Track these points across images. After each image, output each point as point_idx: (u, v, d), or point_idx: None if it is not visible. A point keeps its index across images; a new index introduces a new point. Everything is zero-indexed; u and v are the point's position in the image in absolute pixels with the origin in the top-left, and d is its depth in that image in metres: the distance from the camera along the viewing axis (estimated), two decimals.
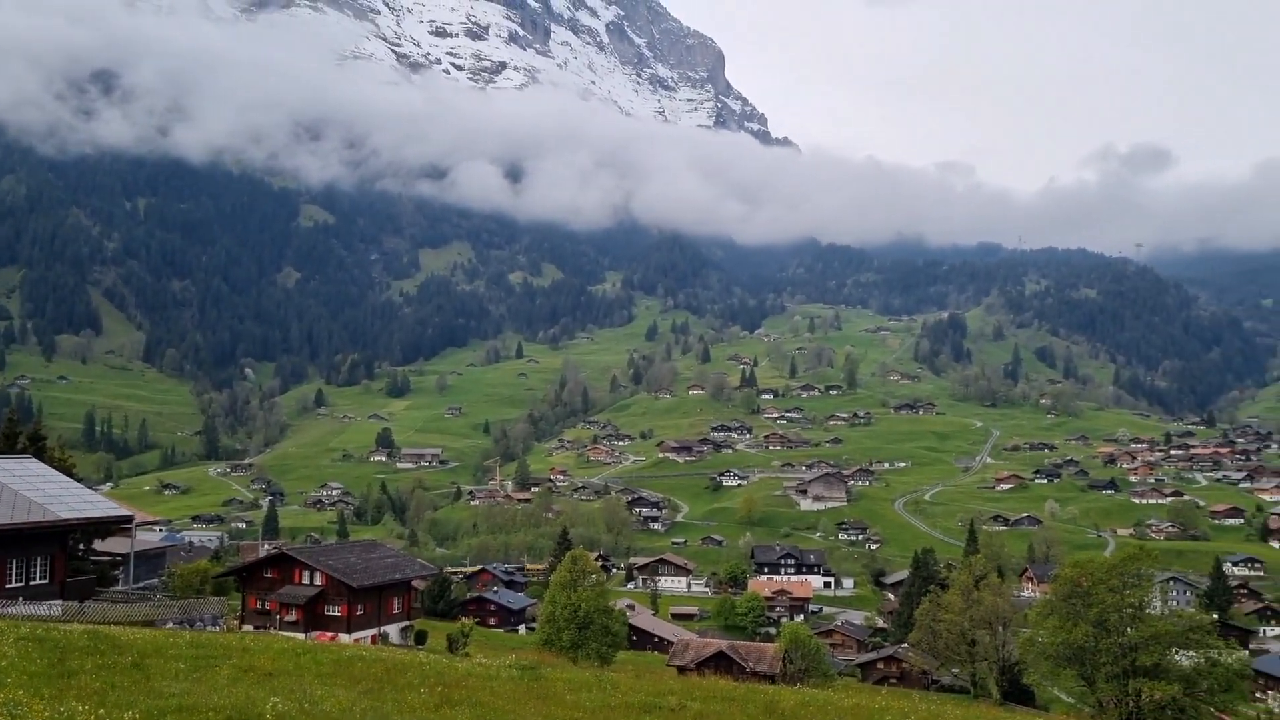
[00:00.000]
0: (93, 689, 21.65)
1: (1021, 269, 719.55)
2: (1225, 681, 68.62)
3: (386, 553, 76.12)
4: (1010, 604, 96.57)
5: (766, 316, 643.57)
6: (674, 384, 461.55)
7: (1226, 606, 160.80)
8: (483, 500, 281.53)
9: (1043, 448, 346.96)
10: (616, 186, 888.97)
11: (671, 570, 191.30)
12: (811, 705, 31.16)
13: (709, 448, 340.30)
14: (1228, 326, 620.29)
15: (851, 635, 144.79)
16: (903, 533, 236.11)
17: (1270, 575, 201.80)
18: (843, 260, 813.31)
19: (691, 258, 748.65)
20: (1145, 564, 71.81)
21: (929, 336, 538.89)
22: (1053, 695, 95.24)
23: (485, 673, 33.21)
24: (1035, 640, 75.12)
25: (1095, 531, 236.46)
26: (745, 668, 71.66)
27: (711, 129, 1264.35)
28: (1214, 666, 67.57)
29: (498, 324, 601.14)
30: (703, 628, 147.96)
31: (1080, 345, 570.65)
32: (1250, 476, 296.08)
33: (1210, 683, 67.21)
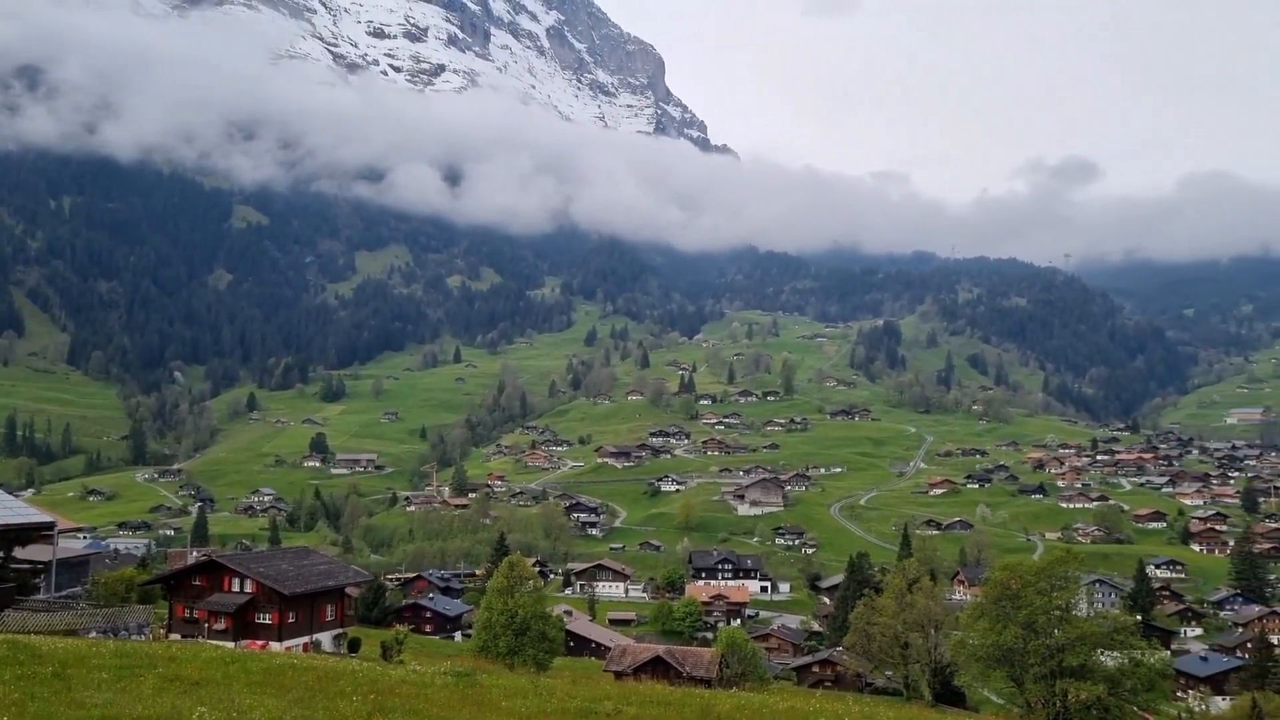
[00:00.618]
0: (11, 700, 21.01)
1: (955, 277, 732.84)
2: (1148, 681, 70.41)
3: (319, 559, 74.91)
4: (942, 607, 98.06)
5: (705, 323, 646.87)
6: (613, 389, 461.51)
7: (1149, 608, 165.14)
8: (419, 506, 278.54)
9: (974, 453, 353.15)
10: (556, 191, 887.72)
11: (609, 576, 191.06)
12: (747, 709, 31.34)
13: (647, 453, 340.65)
14: (1151, 336, 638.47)
15: (788, 639, 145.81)
16: (838, 537, 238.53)
17: (1191, 577, 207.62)
18: (781, 267, 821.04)
19: (631, 263, 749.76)
20: (1072, 567, 73.48)
21: (865, 343, 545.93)
22: (983, 696, 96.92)
23: (419, 680, 32.86)
24: (966, 642, 76.33)
25: (1025, 535, 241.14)
26: (682, 672, 71.74)
27: (651, 135, 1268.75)
28: (1137, 667, 69.31)
29: (435, 328, 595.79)
30: (640, 633, 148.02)
31: (1011, 353, 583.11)
32: (1172, 481, 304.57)
33: (1134, 682, 68.93)
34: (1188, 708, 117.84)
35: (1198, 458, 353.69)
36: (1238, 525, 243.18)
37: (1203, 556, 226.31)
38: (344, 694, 27.90)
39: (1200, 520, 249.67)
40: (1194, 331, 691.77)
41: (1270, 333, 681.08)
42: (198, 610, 63.38)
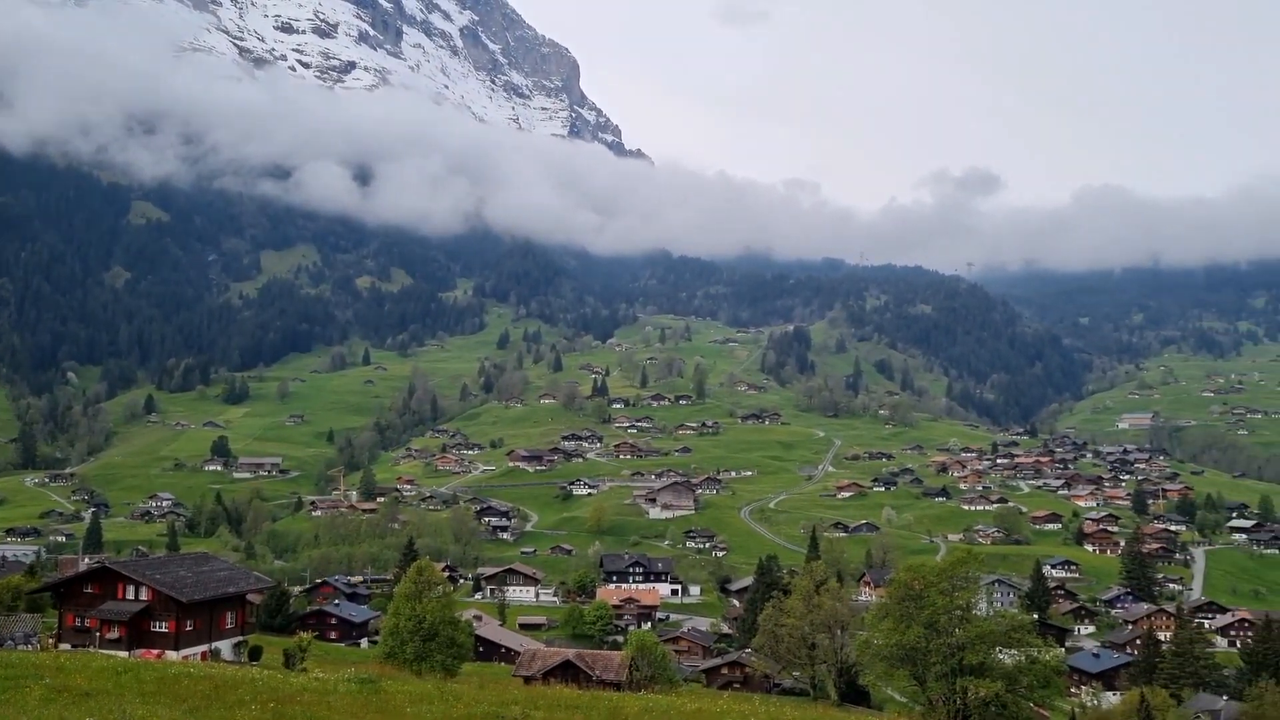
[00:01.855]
0: None
1: (863, 284, 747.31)
2: (1043, 678, 72.58)
3: (220, 565, 72.93)
4: (849, 608, 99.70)
5: (619, 326, 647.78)
6: (525, 393, 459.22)
7: (1045, 607, 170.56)
8: (325, 511, 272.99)
9: (881, 457, 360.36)
10: (469, 193, 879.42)
11: (520, 580, 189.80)
12: (655, 711, 31.44)
13: (560, 457, 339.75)
14: (1049, 343, 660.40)
15: (697, 641, 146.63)
16: (748, 540, 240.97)
17: (1084, 577, 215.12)
18: (694, 272, 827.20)
19: (544, 266, 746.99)
20: (972, 568, 75.41)
21: (775, 348, 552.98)
22: (887, 695, 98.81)
23: (322, 687, 32.20)
24: (871, 642, 77.75)
25: (928, 537, 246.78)
26: (592, 676, 71.62)
27: (566, 138, 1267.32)
28: (1034, 664, 71.42)
29: (344, 329, 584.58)
30: (550, 637, 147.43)
31: (916, 358, 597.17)
32: (1067, 484, 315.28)
33: (1030, 679, 70.99)
34: (1080, 703, 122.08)
35: (1092, 461, 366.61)
36: (1128, 526, 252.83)
37: (1096, 556, 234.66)
38: (242, 702, 27.23)
39: (1093, 522, 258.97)
40: (1088, 339, 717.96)
41: (1160, 341, 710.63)
42: (89, 619, 61.15)
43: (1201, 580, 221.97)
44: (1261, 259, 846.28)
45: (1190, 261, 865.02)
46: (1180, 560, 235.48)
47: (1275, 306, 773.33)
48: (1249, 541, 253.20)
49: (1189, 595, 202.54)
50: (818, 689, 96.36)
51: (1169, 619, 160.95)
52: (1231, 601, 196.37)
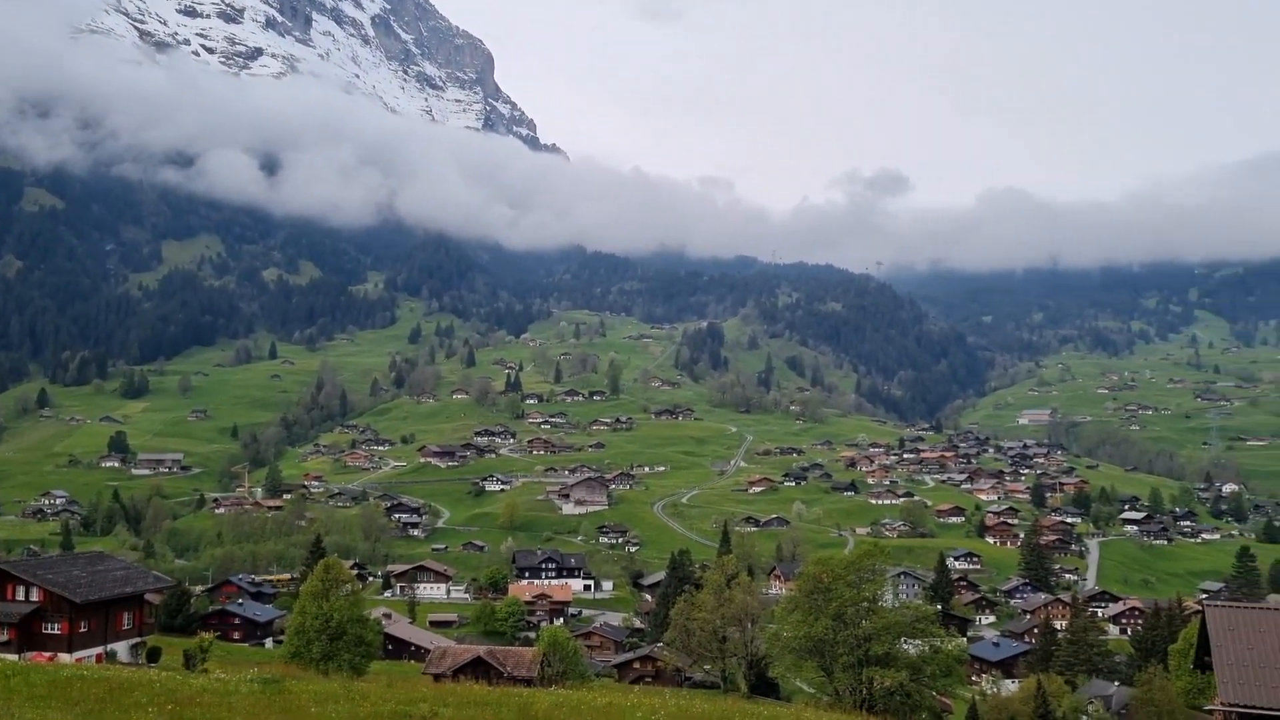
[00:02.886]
0: None
1: (775, 282, 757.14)
2: (946, 667, 74.51)
3: (116, 565, 70.49)
4: (759, 601, 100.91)
5: (533, 321, 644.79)
6: (437, 388, 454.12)
7: (948, 598, 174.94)
8: (229, 508, 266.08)
9: (791, 452, 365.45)
10: (381, 184, 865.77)
11: (431, 577, 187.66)
12: (565, 706, 31.35)
13: (472, 452, 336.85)
14: (954, 341, 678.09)
15: (610, 636, 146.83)
16: (661, 535, 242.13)
17: (986, 568, 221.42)
18: (608, 268, 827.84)
19: (458, 260, 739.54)
20: (879, 560, 76.97)
21: (689, 344, 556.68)
22: (795, 687, 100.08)
23: (223, 688, 31.36)
24: (780, 635, 78.77)
25: (837, 531, 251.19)
26: (503, 672, 71.18)
27: (480, 131, 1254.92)
28: (936, 653, 73.23)
29: (249, 323, 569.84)
30: (462, 634, 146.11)
31: (826, 355, 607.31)
32: (970, 478, 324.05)
33: (933, 669, 72.81)
34: (981, 691, 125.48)
35: (993, 456, 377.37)
36: (1027, 519, 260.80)
37: (996, 549, 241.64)
38: (139, 705, 26.38)
39: (995, 515, 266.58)
40: (991, 337, 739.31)
41: (1058, 340, 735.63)
42: None
43: (1095, 570, 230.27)
44: (1153, 262, 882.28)
45: (1087, 263, 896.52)
46: (1076, 551, 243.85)
47: (1166, 307, 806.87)
48: (1140, 533, 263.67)
49: (1084, 585, 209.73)
50: (728, 682, 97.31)
51: (1065, 608, 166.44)
52: (1123, 590, 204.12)
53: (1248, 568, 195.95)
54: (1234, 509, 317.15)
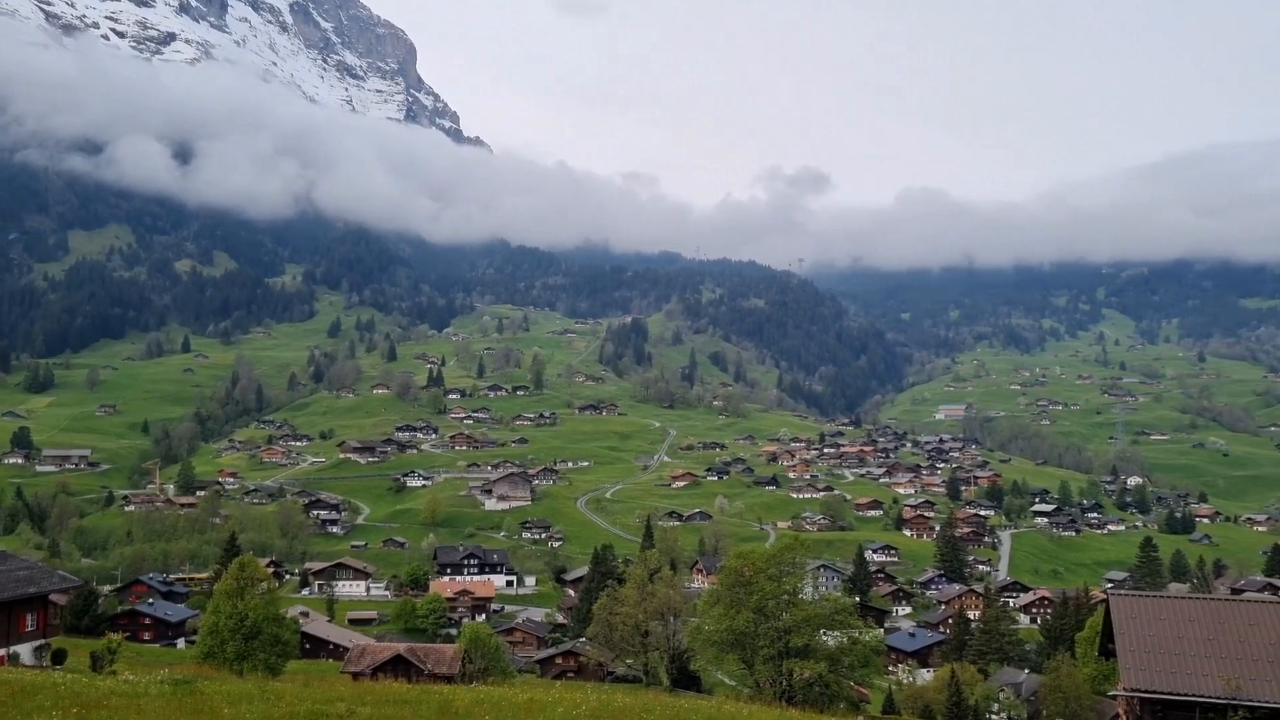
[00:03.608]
0: None
1: (699, 278, 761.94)
2: (864, 658, 75.90)
3: (19, 564, 67.85)
4: (681, 595, 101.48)
5: (455, 316, 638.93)
6: (357, 383, 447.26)
7: (867, 590, 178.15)
8: (140, 506, 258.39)
9: (714, 447, 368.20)
10: (299, 175, 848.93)
11: (350, 574, 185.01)
12: (486, 703, 31.13)
13: (393, 448, 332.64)
14: (873, 337, 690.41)
15: (532, 632, 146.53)
16: (584, 530, 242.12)
17: (903, 560, 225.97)
18: (532, 262, 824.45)
19: (379, 253, 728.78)
20: (800, 553, 78.01)
21: (613, 340, 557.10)
22: (717, 679, 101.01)
23: (132, 690, 30.46)
24: (703, 628, 79.43)
25: (759, 524, 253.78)
26: (424, 670, 70.43)
27: (402, 123, 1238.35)
28: (855, 644, 74.59)
29: (161, 315, 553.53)
30: (382, 631, 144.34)
31: (749, 351, 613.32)
32: (889, 472, 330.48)
33: (851, 659, 74.15)
34: (897, 680, 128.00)
35: (911, 450, 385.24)
36: (943, 512, 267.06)
37: (913, 541, 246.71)
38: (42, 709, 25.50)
39: (912, 508, 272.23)
40: (909, 334, 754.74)
41: (973, 336, 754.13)
42: None
43: (1007, 561, 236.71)
44: (1063, 261, 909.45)
45: (1001, 262, 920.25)
46: (989, 543, 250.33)
47: (1075, 306, 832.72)
48: (1049, 525, 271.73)
49: (996, 576, 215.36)
50: (650, 676, 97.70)
51: (978, 598, 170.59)
52: (1033, 581, 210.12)
53: (1150, 558, 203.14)
54: (1138, 501, 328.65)
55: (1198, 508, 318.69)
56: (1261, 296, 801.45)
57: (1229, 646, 36.32)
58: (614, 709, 32.07)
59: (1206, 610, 38.62)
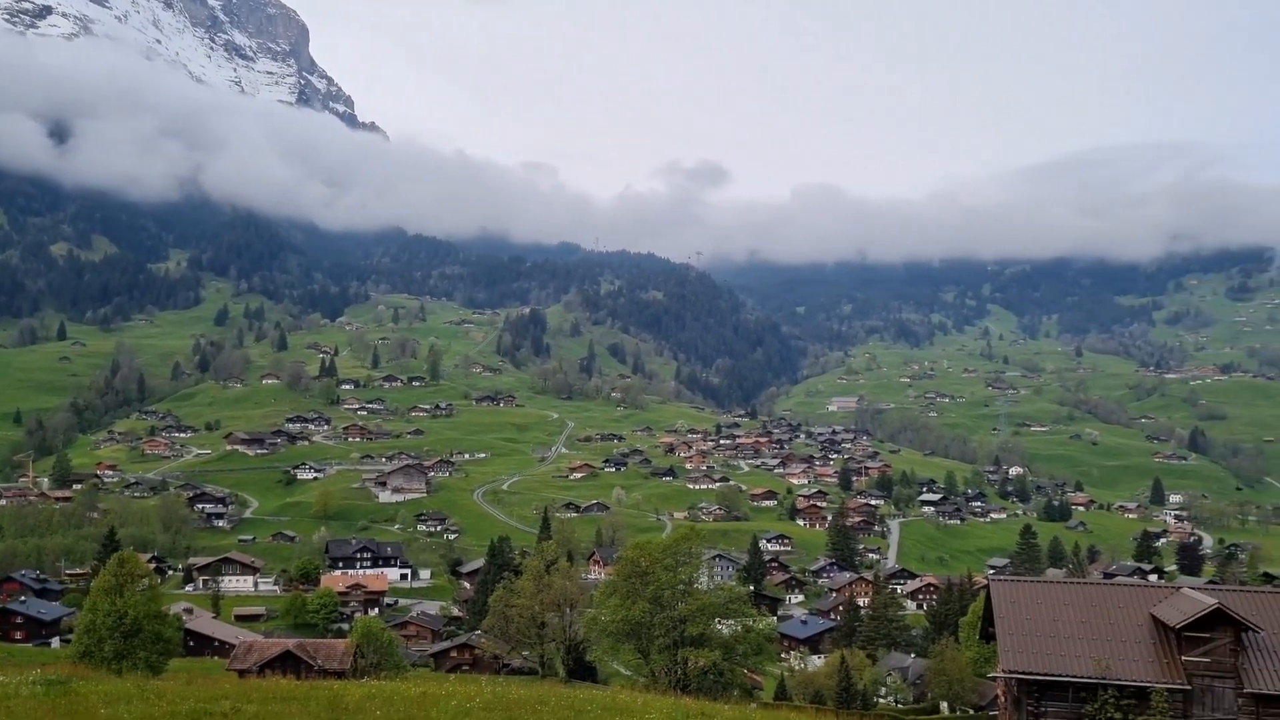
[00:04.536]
0: None
1: (598, 269, 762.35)
2: (757, 646, 77.22)
3: None
4: (578, 586, 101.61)
5: (349, 305, 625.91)
6: (246, 373, 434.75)
7: (761, 579, 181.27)
8: (11, 500, 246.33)
9: (612, 438, 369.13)
10: (185, 157, 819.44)
11: (237, 569, 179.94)
12: (377, 698, 30.69)
13: (283, 439, 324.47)
14: (769, 330, 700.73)
15: (427, 625, 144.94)
16: (481, 522, 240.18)
17: (796, 549, 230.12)
18: (429, 251, 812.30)
19: (269, 239, 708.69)
20: (695, 543, 78.93)
21: (511, 331, 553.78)
22: (613, 669, 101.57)
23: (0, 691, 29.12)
24: (599, 619, 79.77)
25: (656, 515, 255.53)
26: (314, 666, 68.99)
27: (294, 106, 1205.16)
28: (749, 633, 75.82)
29: (35, 301, 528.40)
30: (270, 628, 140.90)
31: (648, 343, 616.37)
32: (783, 463, 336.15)
33: (745, 647, 75.34)
34: (790, 667, 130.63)
35: (805, 441, 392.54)
36: (835, 502, 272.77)
37: (806, 530, 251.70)
38: None
39: (805, 498, 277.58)
40: (804, 327, 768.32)
41: (865, 330, 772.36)
42: None
43: (896, 549, 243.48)
44: (951, 257, 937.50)
45: (892, 258, 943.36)
46: (879, 532, 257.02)
47: (962, 301, 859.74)
48: (936, 513, 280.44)
49: (885, 564, 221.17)
50: (546, 667, 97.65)
51: (868, 586, 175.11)
52: (920, 568, 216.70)
53: (1029, 545, 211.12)
54: (1019, 490, 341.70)
55: (1074, 496, 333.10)
56: (1135, 294, 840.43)
57: (1100, 629, 38.05)
58: (508, 701, 31.95)
59: (1079, 594, 40.38)
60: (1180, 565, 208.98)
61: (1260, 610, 37.41)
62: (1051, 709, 36.90)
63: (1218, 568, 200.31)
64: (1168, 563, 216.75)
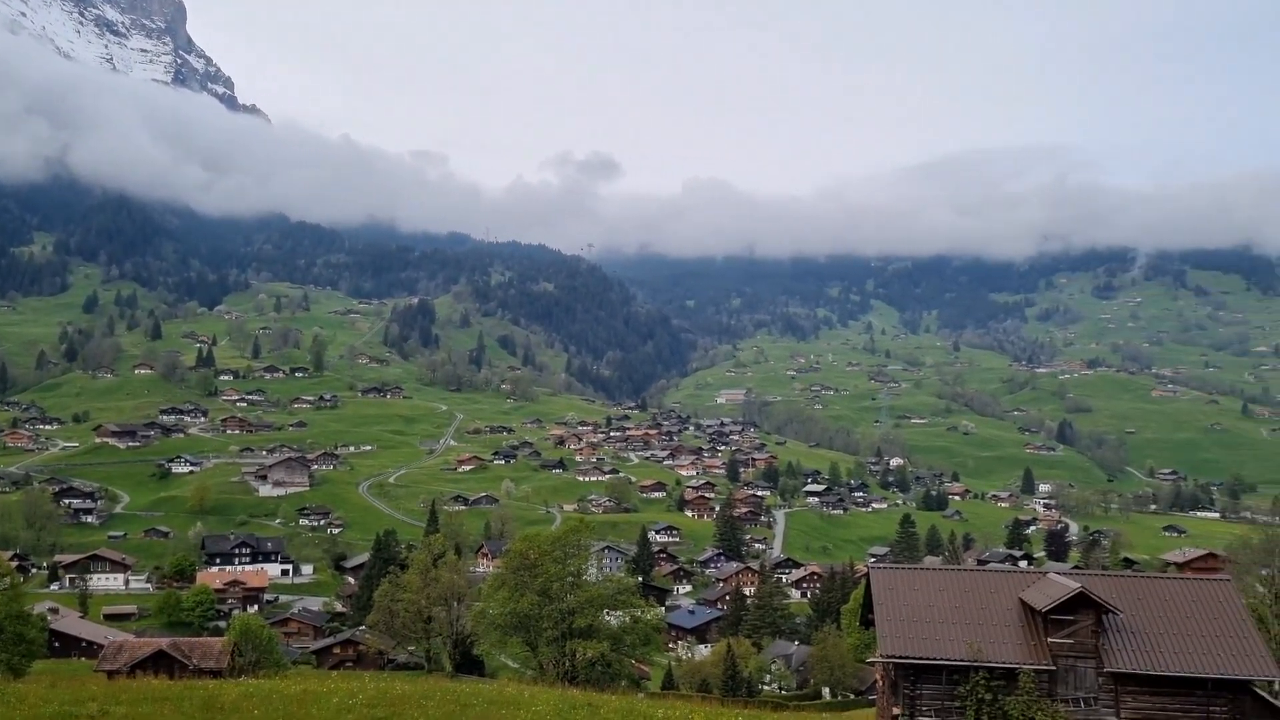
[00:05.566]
0: None
1: (488, 260, 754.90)
2: (645, 636, 77.94)
3: None
4: (466, 580, 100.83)
5: (229, 293, 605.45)
6: (117, 362, 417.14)
7: (649, 570, 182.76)
8: None
9: (502, 430, 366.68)
10: (51, 137, 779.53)
11: (107, 567, 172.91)
12: (255, 696, 29.89)
13: (157, 432, 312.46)
14: (659, 323, 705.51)
15: (309, 622, 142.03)
16: (366, 516, 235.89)
17: (684, 540, 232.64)
18: (313, 239, 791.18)
19: (142, 224, 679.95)
20: (584, 535, 79.20)
21: (399, 321, 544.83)
22: (501, 663, 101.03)
23: None
24: (487, 612, 79.30)
25: (545, 508, 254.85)
26: (189, 665, 66.75)
27: (170, 86, 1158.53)
28: (637, 624, 76.44)
29: None
30: (143, 627, 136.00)
31: (538, 335, 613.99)
32: (672, 455, 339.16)
33: (633, 638, 75.97)
34: (677, 657, 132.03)
35: (694, 433, 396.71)
36: (723, 493, 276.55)
37: (695, 521, 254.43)
38: None
39: (694, 490, 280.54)
40: (694, 320, 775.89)
41: (753, 324, 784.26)
42: None
43: (781, 539, 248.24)
44: (837, 254, 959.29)
45: (780, 253, 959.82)
46: (765, 522, 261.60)
47: (847, 296, 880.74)
48: (820, 504, 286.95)
49: (771, 553, 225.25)
50: (433, 662, 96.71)
51: (754, 576, 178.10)
52: (805, 557, 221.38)
53: (909, 533, 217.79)
54: (899, 481, 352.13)
55: (951, 486, 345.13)
56: (1008, 291, 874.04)
57: (973, 613, 39.54)
58: (392, 697, 31.50)
59: (954, 581, 41.87)
60: (1048, 552, 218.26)
61: (1120, 593, 39.41)
62: (927, 691, 38.18)
63: (1083, 554, 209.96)
64: (1037, 549, 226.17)
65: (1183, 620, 38.52)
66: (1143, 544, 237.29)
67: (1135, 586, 40.63)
